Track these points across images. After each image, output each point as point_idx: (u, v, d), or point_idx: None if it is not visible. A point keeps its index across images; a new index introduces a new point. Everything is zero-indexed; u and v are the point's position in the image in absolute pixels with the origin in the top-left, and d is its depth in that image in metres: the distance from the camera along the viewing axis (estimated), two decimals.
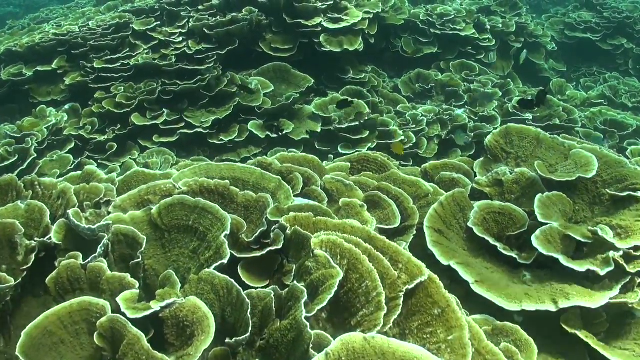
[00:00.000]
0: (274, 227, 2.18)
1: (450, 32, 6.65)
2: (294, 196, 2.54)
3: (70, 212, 2.22)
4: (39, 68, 5.63)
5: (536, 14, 10.22)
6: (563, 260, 2.18)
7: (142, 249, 2.19)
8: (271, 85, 5.40)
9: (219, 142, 4.85)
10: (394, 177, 2.95)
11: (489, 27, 6.94)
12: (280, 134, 4.63)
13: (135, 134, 4.97)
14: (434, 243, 2.34)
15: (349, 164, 3.07)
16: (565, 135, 3.20)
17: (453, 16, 6.79)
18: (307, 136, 4.94)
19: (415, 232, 2.51)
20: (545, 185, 2.87)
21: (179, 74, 5.29)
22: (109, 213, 2.38)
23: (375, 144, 4.98)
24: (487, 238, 2.38)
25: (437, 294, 1.88)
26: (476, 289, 2.13)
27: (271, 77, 5.58)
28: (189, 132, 4.80)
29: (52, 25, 6.65)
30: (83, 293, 2.02)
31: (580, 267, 2.16)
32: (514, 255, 2.34)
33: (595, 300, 2.06)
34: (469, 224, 2.49)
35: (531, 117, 5.52)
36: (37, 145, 4.67)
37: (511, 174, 2.98)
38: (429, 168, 3.28)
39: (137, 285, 1.92)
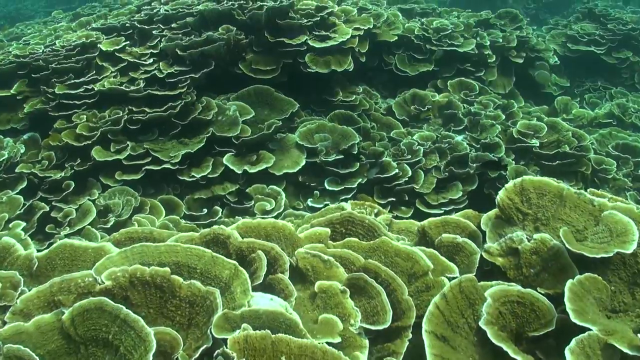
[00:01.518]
0: (217, 353, 1.56)
1: (448, 48, 6.04)
2: (254, 288, 1.92)
3: None
4: None
5: (535, 25, 9.62)
6: None
7: None
8: (251, 110, 4.78)
9: (190, 179, 4.22)
10: (384, 247, 2.34)
11: (488, 42, 6.32)
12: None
13: (98, 168, 4.34)
14: (436, 358, 1.73)
15: (328, 230, 2.45)
16: (594, 190, 2.58)
17: (450, 31, 6.18)
18: (290, 170, 4.32)
19: (411, 335, 1.90)
20: (572, 255, 2.26)
21: (148, 101, 4.67)
22: (4, 323, 1.76)
23: (367, 179, 4.37)
24: (505, 349, 1.77)
25: None
26: None
27: (252, 102, 4.96)
28: (156, 168, 4.17)
29: (20, 44, 6.01)
30: None
31: None
32: None
33: None
34: (481, 324, 1.87)
35: (538, 144, 4.91)
36: None
37: (529, 241, 2.36)
38: (427, 227, 2.65)
39: None
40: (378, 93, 5.96)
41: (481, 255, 2.43)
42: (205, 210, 4.11)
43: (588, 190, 2.55)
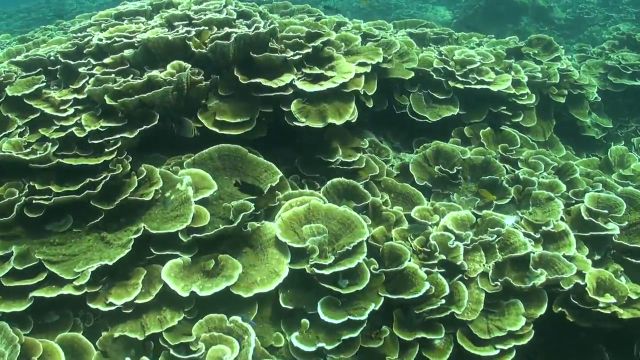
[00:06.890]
0: None
1: (477, 87, 4.38)
2: None
3: None
4: None
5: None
6: None
7: None
8: (213, 182, 3.09)
9: (107, 309, 2.52)
10: None
11: (525, 77, 4.67)
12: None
13: None
14: None
15: None
16: None
17: (479, 63, 4.52)
18: (264, 289, 2.62)
19: None
20: None
21: (60, 173, 2.98)
22: None
23: (382, 300, 2.68)
24: None
25: None
26: None
27: (215, 168, 3.28)
28: (49, 296, 2.46)
29: None
30: None
31: None
32: None
33: None
34: None
35: (618, 231, 3.24)
36: None
37: None
38: None
39: None
40: (388, 145, 4.30)
41: None
42: None
43: None
